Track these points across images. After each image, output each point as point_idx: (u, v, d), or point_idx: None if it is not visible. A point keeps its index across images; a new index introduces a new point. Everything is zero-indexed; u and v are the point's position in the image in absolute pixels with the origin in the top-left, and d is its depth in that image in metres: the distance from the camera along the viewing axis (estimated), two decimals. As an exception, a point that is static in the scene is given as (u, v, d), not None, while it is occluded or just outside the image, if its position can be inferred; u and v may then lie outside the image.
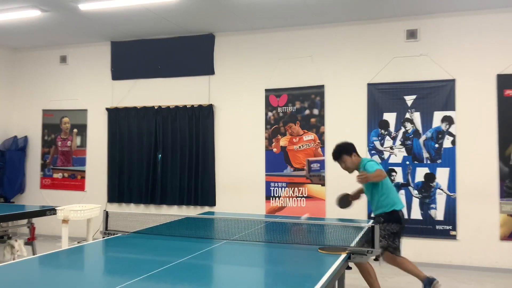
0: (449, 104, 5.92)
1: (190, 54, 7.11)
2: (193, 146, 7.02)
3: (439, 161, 5.93)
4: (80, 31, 7.07)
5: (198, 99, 7.08)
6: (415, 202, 5.99)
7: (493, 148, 5.76)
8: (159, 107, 7.20)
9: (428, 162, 5.97)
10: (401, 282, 5.16)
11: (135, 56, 7.39)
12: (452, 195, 5.87)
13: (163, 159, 7.15)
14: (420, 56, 6.07)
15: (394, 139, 6.12)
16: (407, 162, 6.05)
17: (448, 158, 5.90)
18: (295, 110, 6.58)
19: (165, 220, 3.98)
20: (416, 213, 5.98)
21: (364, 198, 4.83)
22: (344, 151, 4.31)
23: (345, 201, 4.58)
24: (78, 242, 5.16)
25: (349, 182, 6.26)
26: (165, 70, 7.25)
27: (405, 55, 6.13)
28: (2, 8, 5.94)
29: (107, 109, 7.51)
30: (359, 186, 4.59)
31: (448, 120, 5.92)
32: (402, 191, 6.04)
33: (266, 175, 6.67)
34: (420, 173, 5.99)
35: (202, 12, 6.07)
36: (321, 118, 6.46)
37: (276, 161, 6.63)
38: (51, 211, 5.27)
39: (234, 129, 6.91)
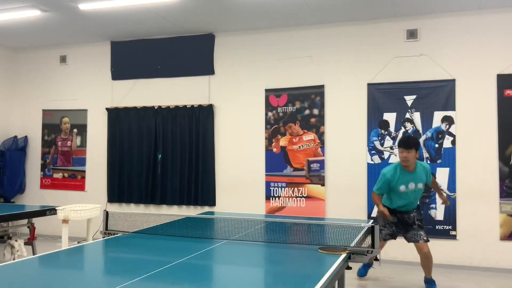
0: (449, 104, 5.92)
1: (190, 54, 7.11)
2: (193, 146, 7.02)
3: (439, 161, 5.93)
4: (80, 31, 7.07)
5: (198, 99, 7.09)
6: (415, 202, 5.98)
7: (493, 148, 5.76)
8: (159, 107, 7.20)
9: (428, 162, 5.96)
10: (402, 282, 5.16)
11: (135, 56, 7.39)
12: (452, 195, 5.87)
13: (163, 159, 7.15)
14: (420, 56, 6.08)
15: (394, 139, 6.12)
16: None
17: (448, 158, 5.90)
18: (295, 110, 6.58)
19: (165, 220, 3.98)
20: (416, 213, 5.97)
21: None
22: (414, 145, 4.49)
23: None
24: (78, 242, 5.16)
25: (349, 182, 6.28)
26: (165, 70, 7.25)
27: (405, 55, 6.13)
28: (2, 8, 5.94)
29: (107, 109, 7.51)
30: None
31: (448, 120, 5.92)
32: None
33: (266, 175, 6.67)
34: (420, 173, 5.99)
35: (202, 12, 6.07)
36: (321, 118, 6.46)
37: (276, 161, 6.63)
38: (51, 211, 5.27)
39: (234, 129, 6.91)
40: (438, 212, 5.90)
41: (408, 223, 4.70)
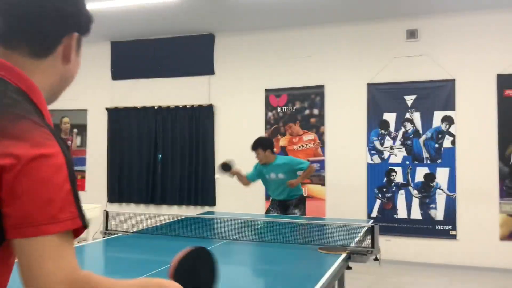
0: (449, 104, 5.92)
1: (190, 54, 7.11)
2: (193, 146, 7.02)
3: (439, 161, 5.93)
4: (80, 31, 7.06)
5: (198, 99, 7.08)
6: (415, 202, 5.99)
7: (493, 148, 5.76)
8: (159, 107, 7.20)
9: (428, 162, 5.96)
10: (402, 282, 5.17)
11: (135, 56, 7.39)
12: (452, 195, 5.87)
13: (163, 159, 7.15)
14: (420, 56, 6.07)
15: (394, 139, 6.12)
16: (407, 162, 6.05)
17: (448, 158, 5.90)
18: (295, 110, 6.58)
19: (165, 220, 3.98)
20: (416, 213, 5.97)
21: None
22: (259, 146, 4.90)
23: (226, 168, 4.98)
24: (78, 242, 5.16)
25: (349, 182, 6.28)
26: (165, 70, 7.25)
27: (405, 55, 6.13)
28: (2, 8, 5.93)
29: (107, 109, 7.50)
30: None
31: (448, 120, 5.92)
32: (402, 191, 6.04)
33: (266, 175, 6.66)
34: (420, 173, 5.99)
35: (202, 12, 6.07)
36: (321, 118, 6.46)
37: (276, 161, 6.61)
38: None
39: (234, 129, 6.90)
40: (438, 212, 5.90)
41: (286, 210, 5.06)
